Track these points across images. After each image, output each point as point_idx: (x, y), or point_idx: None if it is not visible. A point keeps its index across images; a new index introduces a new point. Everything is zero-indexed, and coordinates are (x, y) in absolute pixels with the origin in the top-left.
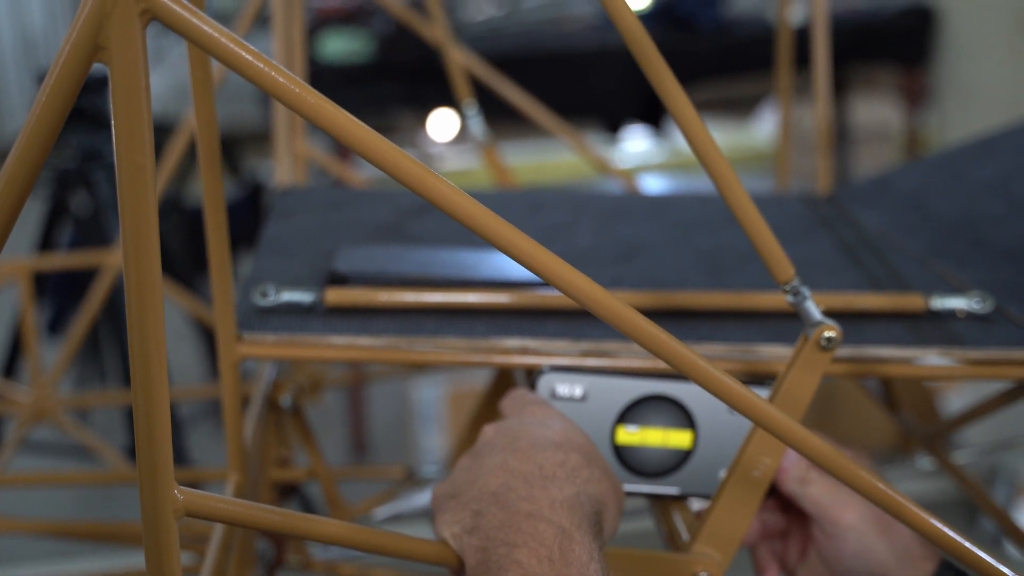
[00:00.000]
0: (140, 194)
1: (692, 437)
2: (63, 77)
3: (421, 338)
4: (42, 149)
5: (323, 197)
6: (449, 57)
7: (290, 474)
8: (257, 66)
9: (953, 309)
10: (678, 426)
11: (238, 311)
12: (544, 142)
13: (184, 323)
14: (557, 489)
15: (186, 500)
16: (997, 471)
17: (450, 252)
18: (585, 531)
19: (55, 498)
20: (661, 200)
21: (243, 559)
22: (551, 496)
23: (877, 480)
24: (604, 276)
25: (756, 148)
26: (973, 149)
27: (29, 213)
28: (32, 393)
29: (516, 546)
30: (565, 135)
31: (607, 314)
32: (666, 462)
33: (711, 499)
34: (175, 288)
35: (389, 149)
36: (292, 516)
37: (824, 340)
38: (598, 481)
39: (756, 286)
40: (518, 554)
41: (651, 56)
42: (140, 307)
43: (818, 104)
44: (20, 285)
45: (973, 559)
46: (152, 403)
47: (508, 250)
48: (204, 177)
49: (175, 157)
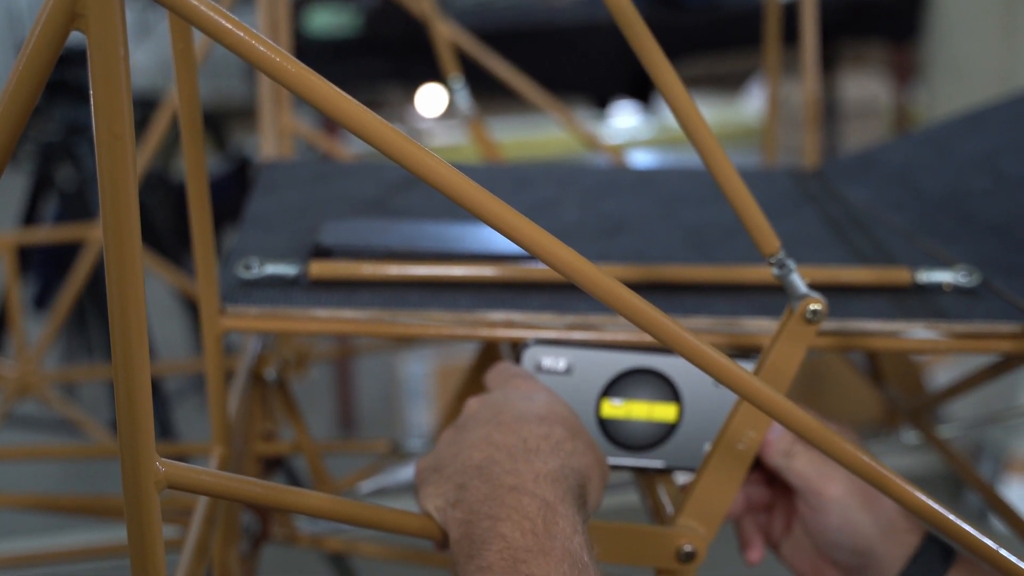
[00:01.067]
0: (119, 165)
1: (677, 410)
2: (40, 45)
3: (405, 311)
4: (20, 118)
5: (308, 171)
6: (436, 31)
7: (275, 447)
8: (237, 35)
9: (939, 283)
10: (663, 399)
11: (222, 284)
12: (532, 118)
13: (171, 298)
14: (541, 462)
15: (168, 472)
16: (983, 445)
17: (435, 225)
18: (569, 504)
19: (41, 472)
20: (647, 175)
21: (228, 532)
22: (535, 469)
23: (862, 453)
24: (590, 250)
25: (744, 124)
26: (960, 124)
27: (14, 187)
28: (17, 367)
29: (500, 519)
30: (553, 110)
31: (593, 287)
32: (651, 435)
33: (696, 472)
34: (162, 263)
35: (372, 119)
36: (275, 488)
37: (810, 313)
38: (582, 454)
39: (742, 261)
40: (502, 527)
41: (639, 31)
42: (120, 277)
43: (806, 79)
44: (5, 259)
45: (958, 532)
46: (132, 374)
47: (493, 222)
48: (186, 147)
49: (160, 131)
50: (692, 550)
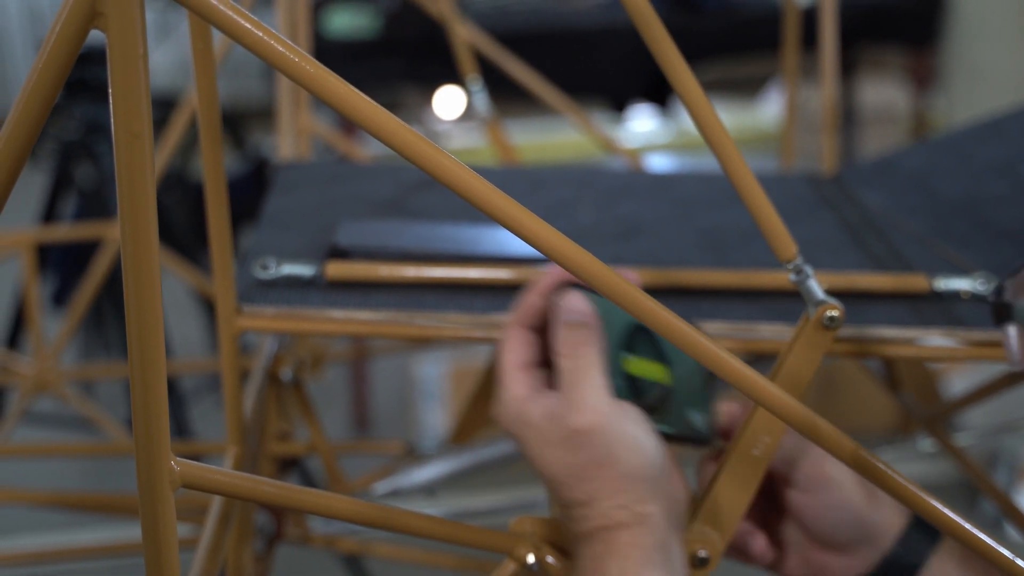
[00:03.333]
0: (137, 163)
1: (669, 372)
2: (60, 43)
3: (421, 313)
4: (40, 116)
5: (325, 172)
6: (454, 32)
7: (290, 448)
8: (256, 35)
9: (957, 290)
10: (658, 359)
11: (238, 284)
12: (549, 121)
13: (188, 298)
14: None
15: (183, 471)
16: (998, 454)
17: (452, 227)
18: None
19: (57, 469)
20: (663, 178)
21: (242, 532)
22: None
23: (878, 461)
24: (605, 253)
25: (762, 129)
26: (979, 130)
27: (32, 185)
28: (35, 365)
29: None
30: (571, 113)
31: (608, 291)
32: (657, 397)
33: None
34: (179, 262)
35: (389, 120)
36: (289, 489)
37: (827, 319)
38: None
39: (758, 266)
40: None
41: (658, 33)
42: (136, 275)
43: (825, 84)
44: (23, 257)
45: (973, 540)
46: (148, 372)
47: (510, 225)
48: (204, 146)
49: (179, 130)
50: (706, 556)
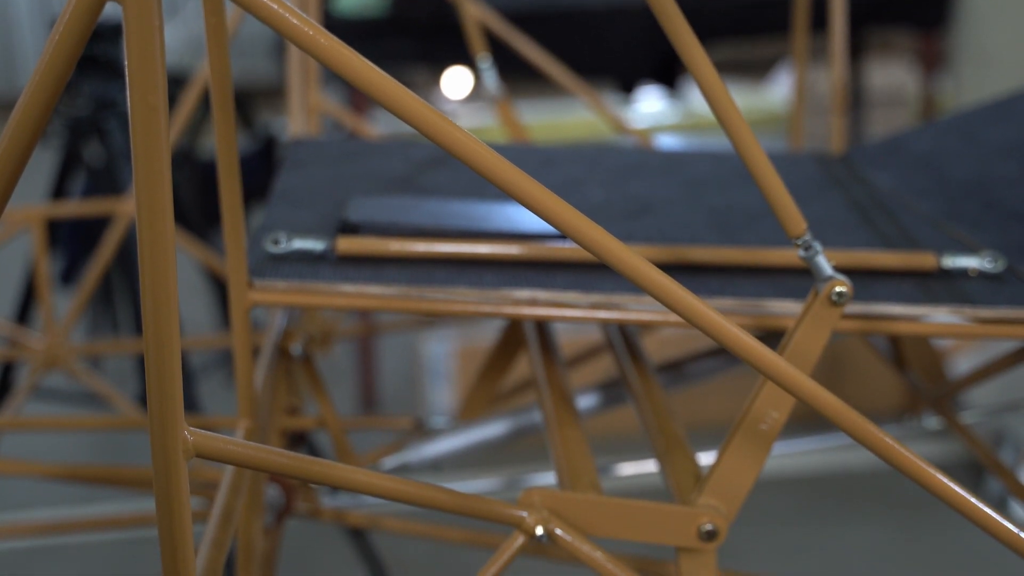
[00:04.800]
0: (153, 136)
1: None
2: (76, 17)
3: (431, 288)
4: (53, 92)
5: (336, 148)
6: (464, 10)
7: (300, 422)
8: (271, 7)
9: (964, 268)
10: None
11: (250, 258)
12: (559, 101)
13: (197, 276)
14: None
15: (196, 441)
16: (1004, 432)
17: (462, 203)
18: None
19: (67, 443)
20: (674, 157)
21: (252, 504)
22: None
23: (886, 436)
24: (615, 231)
25: (771, 111)
26: (987, 111)
27: (42, 162)
28: (45, 340)
29: None
30: (581, 93)
31: (620, 266)
32: None
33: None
34: (188, 240)
35: (403, 93)
36: (301, 459)
37: (835, 295)
38: None
39: (767, 244)
40: None
41: (670, 12)
42: (152, 240)
43: (834, 66)
44: (33, 233)
45: (981, 517)
46: (162, 341)
47: (524, 200)
48: (217, 121)
49: (189, 107)
50: (713, 529)
